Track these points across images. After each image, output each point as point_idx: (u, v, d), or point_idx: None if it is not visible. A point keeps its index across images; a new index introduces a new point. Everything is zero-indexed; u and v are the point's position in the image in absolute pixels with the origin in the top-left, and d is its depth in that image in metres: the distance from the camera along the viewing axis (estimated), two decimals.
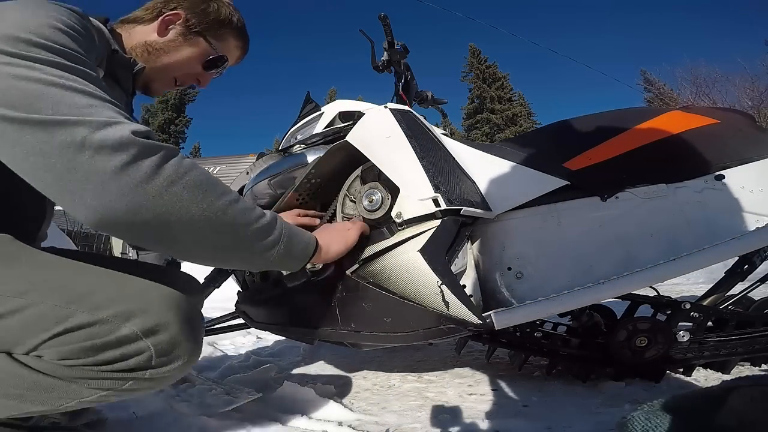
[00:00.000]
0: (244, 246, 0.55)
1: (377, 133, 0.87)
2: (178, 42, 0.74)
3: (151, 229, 0.48)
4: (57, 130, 0.45)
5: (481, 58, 23.40)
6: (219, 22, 0.76)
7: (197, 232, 0.50)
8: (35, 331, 0.47)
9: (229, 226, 0.52)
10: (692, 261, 0.79)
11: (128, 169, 0.46)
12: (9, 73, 0.45)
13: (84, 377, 0.49)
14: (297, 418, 0.87)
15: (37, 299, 0.48)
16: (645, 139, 0.91)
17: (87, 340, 0.48)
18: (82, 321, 0.48)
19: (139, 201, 0.46)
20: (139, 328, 0.49)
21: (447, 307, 0.71)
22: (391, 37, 1.38)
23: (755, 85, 12.77)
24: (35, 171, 0.45)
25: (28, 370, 0.49)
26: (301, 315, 0.90)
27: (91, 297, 0.49)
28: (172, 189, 0.48)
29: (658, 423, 0.41)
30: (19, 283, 0.49)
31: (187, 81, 0.80)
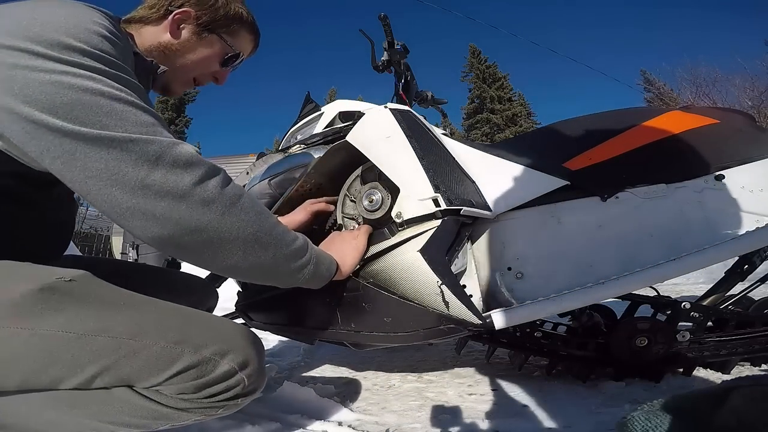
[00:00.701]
0: (282, 265, 0.58)
1: (377, 133, 0.87)
2: (193, 42, 0.72)
3: (210, 246, 0.51)
4: (131, 147, 0.46)
5: (481, 58, 23.39)
6: (230, 17, 0.75)
7: (248, 249, 0.54)
8: (155, 371, 0.52)
9: (274, 246, 0.56)
10: (692, 261, 0.79)
11: (198, 188, 0.49)
12: (72, 84, 0.46)
13: (194, 408, 0.55)
14: (297, 418, 0.87)
15: (149, 342, 0.52)
16: (645, 139, 0.91)
17: (198, 378, 0.53)
18: (192, 361, 0.53)
19: (207, 219, 0.50)
20: (236, 364, 0.56)
21: (447, 307, 0.71)
22: (391, 37, 1.38)
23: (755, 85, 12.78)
24: (103, 189, 0.46)
25: (149, 402, 0.53)
26: (301, 315, 0.90)
27: (191, 338, 0.55)
28: (233, 209, 0.52)
29: (658, 423, 0.41)
30: (129, 326, 0.52)
31: (205, 80, 0.80)
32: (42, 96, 0.45)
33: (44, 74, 0.45)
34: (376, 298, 0.77)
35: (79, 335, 0.50)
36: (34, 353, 0.49)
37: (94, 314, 0.52)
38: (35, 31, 0.46)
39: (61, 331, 0.49)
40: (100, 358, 0.50)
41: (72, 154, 0.45)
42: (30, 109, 0.44)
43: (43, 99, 0.45)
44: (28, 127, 0.45)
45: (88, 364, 0.50)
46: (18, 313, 0.49)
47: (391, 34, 1.37)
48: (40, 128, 0.45)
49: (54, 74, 0.46)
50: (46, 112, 0.44)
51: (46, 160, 0.46)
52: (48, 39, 0.46)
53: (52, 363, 0.49)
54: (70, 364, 0.50)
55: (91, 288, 0.54)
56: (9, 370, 0.49)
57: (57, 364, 0.49)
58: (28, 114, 0.44)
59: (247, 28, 0.79)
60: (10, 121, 0.45)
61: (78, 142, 0.45)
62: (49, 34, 0.47)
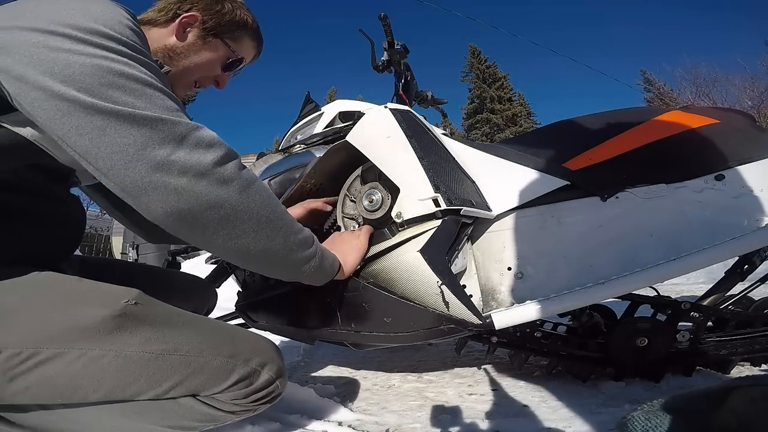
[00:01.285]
0: (290, 252, 0.60)
1: (377, 133, 0.87)
2: (198, 45, 0.74)
3: (225, 223, 0.53)
4: (160, 125, 0.49)
5: (481, 58, 23.39)
6: (235, 23, 0.77)
7: (260, 231, 0.56)
8: (217, 381, 0.60)
9: (284, 231, 0.59)
10: (692, 261, 0.79)
11: (218, 167, 0.52)
12: (110, 68, 0.49)
13: (241, 410, 0.64)
14: (297, 418, 0.87)
15: (210, 357, 0.60)
16: (645, 139, 0.91)
17: (248, 386, 0.63)
18: (243, 372, 0.62)
19: (225, 195, 0.52)
20: (273, 373, 0.65)
21: (447, 307, 0.71)
22: (391, 37, 1.38)
23: (755, 85, 12.79)
24: (129, 163, 0.48)
25: (209, 408, 0.62)
26: (301, 315, 0.90)
27: (240, 352, 0.63)
28: (249, 190, 0.55)
29: (658, 423, 0.41)
30: (193, 344, 0.60)
31: (206, 83, 0.81)
32: (81, 77, 0.47)
33: (85, 57, 0.48)
34: (376, 298, 0.77)
35: (156, 355, 0.57)
36: (119, 371, 0.55)
37: (162, 335, 0.58)
38: (76, 20, 0.49)
39: (141, 351, 0.56)
40: (175, 374, 0.58)
41: (102, 129, 0.47)
42: (67, 88, 0.46)
43: (82, 79, 0.47)
44: (62, 105, 0.47)
45: (165, 379, 0.57)
46: (100, 336, 0.55)
47: (391, 34, 1.37)
48: (74, 105, 0.47)
49: (94, 58, 0.48)
50: (83, 92, 0.47)
51: (73, 137, 0.47)
52: (88, 27, 0.49)
53: (136, 379, 0.56)
54: (150, 380, 0.57)
55: (152, 309, 0.60)
56: (97, 385, 0.55)
57: (140, 381, 0.56)
58: (64, 92, 0.46)
59: (251, 35, 0.81)
60: (44, 99, 0.47)
61: (110, 119, 0.47)
62: (89, 23, 0.50)
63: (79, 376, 0.54)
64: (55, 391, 0.55)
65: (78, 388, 0.55)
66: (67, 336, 0.54)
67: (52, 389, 0.54)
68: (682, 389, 0.94)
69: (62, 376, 0.54)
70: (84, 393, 0.55)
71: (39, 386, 0.53)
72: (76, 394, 0.55)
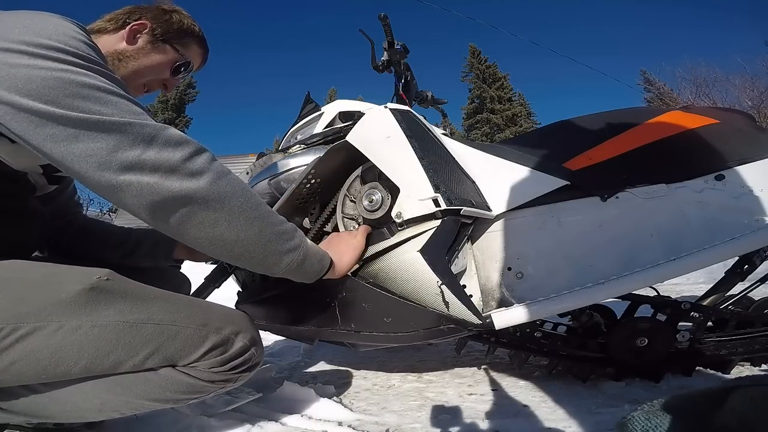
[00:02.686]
0: (267, 243, 0.62)
1: (377, 133, 0.87)
2: (147, 49, 0.79)
3: (197, 214, 0.56)
4: (129, 129, 0.52)
5: (481, 58, 23.39)
6: (182, 31, 0.83)
7: (233, 221, 0.58)
8: (192, 349, 0.63)
9: (259, 221, 0.60)
10: (692, 261, 0.79)
11: (188, 162, 0.55)
12: (72, 79, 0.51)
13: (221, 380, 0.67)
14: (297, 418, 0.87)
15: (183, 326, 0.63)
16: (645, 139, 0.91)
17: (223, 354, 0.66)
18: (216, 340, 0.65)
19: (197, 186, 0.55)
20: (246, 341, 0.68)
21: (447, 307, 0.71)
22: (391, 37, 1.38)
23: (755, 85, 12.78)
24: (102, 166, 0.51)
25: (188, 377, 0.64)
26: (301, 315, 0.90)
27: (211, 321, 0.66)
28: (221, 181, 0.57)
29: (658, 423, 0.40)
30: (166, 314, 0.63)
31: (154, 86, 0.85)
32: (44, 90, 0.49)
33: (45, 71, 0.50)
34: (376, 298, 0.77)
35: (131, 324, 0.60)
36: (98, 341, 0.58)
37: (136, 306, 0.62)
38: (30, 37, 0.51)
39: (115, 322, 0.59)
40: (150, 342, 0.61)
41: (75, 137, 0.50)
42: (34, 102, 0.49)
43: (45, 92, 0.49)
44: (33, 117, 0.49)
45: (141, 347, 0.60)
46: (76, 309, 0.58)
47: (391, 34, 1.37)
48: (44, 118, 0.49)
49: (54, 71, 0.50)
50: (49, 104, 0.49)
51: (48, 145, 0.50)
52: (42, 43, 0.51)
53: (113, 348, 0.59)
54: (127, 348, 0.60)
55: (124, 284, 0.63)
56: (77, 356, 0.58)
57: (117, 349, 0.59)
58: (32, 106, 0.49)
59: (197, 42, 0.87)
60: (14, 113, 0.49)
61: (81, 127, 0.50)
62: (42, 39, 0.52)
63: (60, 347, 0.57)
64: (39, 366, 0.57)
65: (60, 360, 0.57)
66: (45, 310, 0.57)
67: (36, 363, 0.57)
68: (682, 389, 0.94)
69: (44, 348, 0.56)
70: (66, 366, 0.58)
71: (22, 361, 0.56)
72: (59, 367, 0.58)
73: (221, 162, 0.60)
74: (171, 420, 0.85)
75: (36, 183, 0.74)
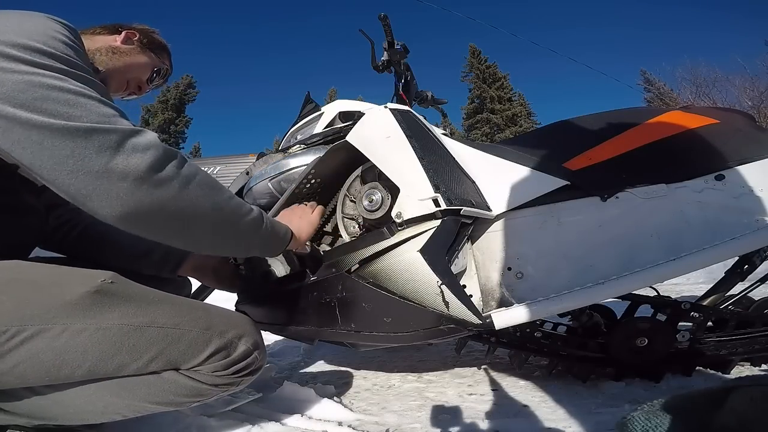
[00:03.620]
0: (242, 234, 0.65)
1: (377, 133, 0.87)
2: (137, 51, 0.89)
3: (171, 220, 0.56)
4: (94, 135, 0.51)
5: (481, 58, 23.38)
6: (160, 45, 0.95)
7: (206, 222, 0.60)
8: (195, 353, 0.64)
9: (231, 216, 0.63)
10: (692, 261, 0.79)
11: (157, 168, 0.54)
12: (42, 83, 0.51)
13: (224, 383, 0.68)
14: (297, 418, 0.87)
15: (186, 329, 0.64)
16: (645, 139, 0.91)
17: (226, 357, 0.66)
18: (220, 344, 0.66)
19: (167, 195, 0.55)
20: (250, 344, 0.69)
21: (447, 307, 0.71)
22: (391, 37, 1.38)
23: (755, 85, 12.78)
24: (71, 174, 0.50)
25: (191, 381, 0.65)
26: (301, 315, 0.90)
27: (215, 325, 0.67)
28: (189, 186, 0.57)
29: (658, 423, 0.40)
30: (169, 318, 0.64)
31: (132, 86, 0.92)
32: (14, 93, 0.49)
33: (17, 75, 0.50)
34: (376, 298, 0.77)
35: (135, 327, 0.61)
36: (102, 343, 0.59)
37: (140, 310, 0.62)
38: (8, 37, 0.52)
39: (119, 325, 0.60)
40: (154, 345, 0.61)
41: (40, 143, 0.49)
42: (3, 105, 0.49)
43: (15, 95, 0.49)
44: (1, 122, 0.49)
45: (145, 351, 0.61)
46: (80, 311, 0.59)
47: (391, 34, 1.37)
48: (11, 122, 0.49)
49: (26, 74, 0.51)
50: (18, 107, 0.49)
51: (17, 150, 0.50)
52: (20, 43, 0.52)
53: (117, 351, 0.60)
54: (131, 351, 0.60)
55: (127, 287, 0.64)
56: (81, 359, 0.58)
57: (121, 352, 0.60)
58: (1, 109, 0.49)
59: (167, 56, 0.99)
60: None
61: (46, 132, 0.49)
62: (21, 39, 0.52)
63: (64, 350, 0.57)
64: (42, 368, 0.57)
65: (63, 363, 0.58)
66: (50, 313, 0.58)
67: (39, 366, 0.57)
68: (682, 389, 0.94)
69: (48, 351, 0.57)
70: (70, 368, 0.58)
71: (26, 363, 0.56)
72: (62, 369, 0.58)
73: (194, 163, 0.62)
74: (171, 420, 0.85)
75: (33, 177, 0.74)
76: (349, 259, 0.81)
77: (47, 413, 0.65)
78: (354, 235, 0.92)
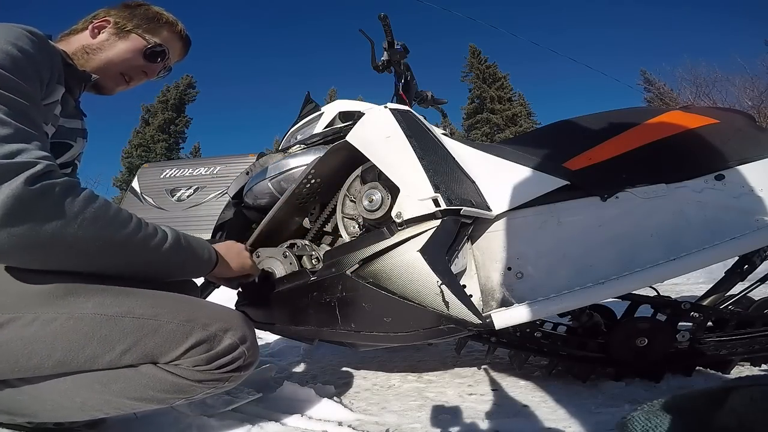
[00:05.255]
0: (158, 263, 0.64)
1: (377, 133, 0.87)
2: (111, 41, 0.82)
3: (69, 259, 0.55)
4: None
5: (481, 58, 23.37)
6: (147, 19, 0.85)
7: (116, 254, 0.59)
8: (173, 345, 0.61)
9: (137, 243, 0.60)
10: (692, 261, 0.79)
11: (16, 214, 0.49)
12: None
13: (207, 379, 0.64)
14: (297, 418, 0.87)
15: (165, 321, 0.61)
16: (645, 139, 0.91)
17: (208, 351, 0.63)
18: (201, 336, 0.63)
19: (32, 241, 0.50)
20: (236, 338, 0.65)
21: (447, 307, 0.71)
22: (391, 37, 1.38)
23: (755, 85, 12.75)
24: None
25: (171, 375, 0.62)
26: (301, 315, 0.90)
27: (198, 317, 0.64)
28: (66, 230, 0.52)
29: (658, 423, 0.40)
30: (147, 309, 0.62)
31: (134, 75, 0.86)
32: None
33: None
34: (376, 298, 0.77)
35: (108, 317, 0.59)
36: (72, 333, 0.57)
37: (116, 300, 0.61)
38: None
39: (93, 314, 0.58)
40: (127, 336, 0.59)
41: None
42: None
43: None
44: None
45: (118, 342, 0.59)
46: (54, 300, 0.57)
47: (391, 34, 1.37)
48: None
49: None
50: None
51: None
52: None
53: (88, 342, 0.58)
54: (103, 342, 0.58)
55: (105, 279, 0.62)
56: (51, 349, 0.57)
57: (92, 343, 0.58)
58: None
59: (168, 27, 0.88)
60: None
61: None
62: None
63: (33, 339, 0.56)
64: (11, 359, 0.56)
65: (32, 353, 0.57)
66: (22, 301, 0.57)
67: (8, 356, 0.56)
68: (682, 389, 0.94)
69: (17, 340, 0.56)
70: (39, 359, 0.57)
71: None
72: (31, 360, 0.57)
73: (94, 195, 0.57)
74: (171, 420, 0.85)
75: None
76: (349, 259, 0.81)
77: (25, 409, 0.63)
78: (354, 235, 0.92)
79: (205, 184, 4.74)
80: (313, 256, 0.99)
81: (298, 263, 0.99)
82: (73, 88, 0.77)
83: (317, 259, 0.99)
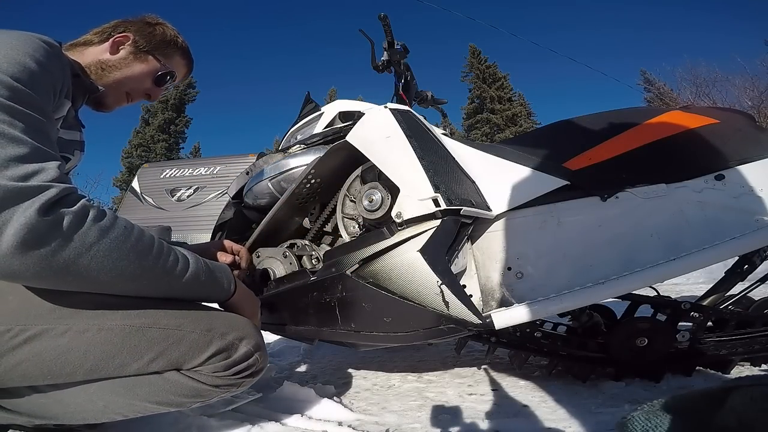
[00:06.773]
0: (181, 290, 0.65)
1: (377, 133, 0.87)
2: (129, 60, 0.80)
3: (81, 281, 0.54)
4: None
5: (481, 58, 23.37)
6: (165, 42, 0.85)
7: (128, 285, 0.58)
8: (196, 353, 0.64)
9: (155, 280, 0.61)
10: (692, 261, 0.79)
11: (33, 245, 0.48)
12: None
13: (224, 384, 0.68)
14: (297, 418, 0.87)
15: (188, 331, 0.64)
16: (645, 139, 0.91)
17: (227, 359, 0.67)
18: (221, 345, 0.66)
19: (46, 271, 0.50)
20: (251, 346, 0.69)
21: (447, 307, 0.71)
22: (391, 37, 1.38)
23: (755, 85, 12.74)
24: None
25: (192, 381, 0.66)
26: (301, 315, 0.90)
27: (216, 327, 0.67)
28: (79, 261, 0.51)
29: (658, 423, 0.40)
30: (171, 319, 0.64)
31: (137, 96, 0.85)
32: None
33: None
34: (376, 298, 0.77)
35: (137, 328, 0.61)
36: (104, 343, 0.60)
37: (142, 311, 0.63)
38: None
39: (122, 325, 0.61)
40: (155, 346, 0.62)
41: None
42: None
43: None
44: None
45: (146, 351, 0.62)
46: (83, 313, 0.59)
47: (391, 34, 1.37)
48: None
49: None
50: None
51: None
52: None
53: (119, 351, 0.61)
54: (132, 351, 0.61)
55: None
56: (83, 359, 0.59)
57: (122, 352, 0.61)
58: None
59: (181, 53, 0.89)
60: None
61: None
62: None
63: (66, 349, 0.58)
64: (45, 367, 0.58)
65: (66, 362, 0.59)
66: (54, 312, 0.58)
67: (41, 365, 0.58)
68: (682, 389, 0.94)
69: (50, 350, 0.58)
70: (72, 368, 0.59)
71: (29, 362, 0.57)
72: (65, 369, 0.59)
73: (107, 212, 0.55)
74: (171, 420, 0.85)
75: None
76: (349, 259, 0.81)
77: (48, 412, 0.65)
78: (354, 235, 0.92)
79: (205, 184, 4.74)
80: (313, 256, 0.99)
81: (298, 263, 0.99)
82: (77, 99, 0.76)
83: (317, 259, 0.99)
